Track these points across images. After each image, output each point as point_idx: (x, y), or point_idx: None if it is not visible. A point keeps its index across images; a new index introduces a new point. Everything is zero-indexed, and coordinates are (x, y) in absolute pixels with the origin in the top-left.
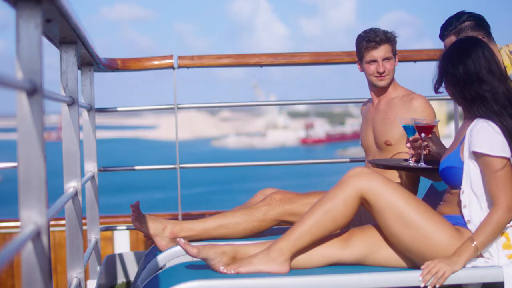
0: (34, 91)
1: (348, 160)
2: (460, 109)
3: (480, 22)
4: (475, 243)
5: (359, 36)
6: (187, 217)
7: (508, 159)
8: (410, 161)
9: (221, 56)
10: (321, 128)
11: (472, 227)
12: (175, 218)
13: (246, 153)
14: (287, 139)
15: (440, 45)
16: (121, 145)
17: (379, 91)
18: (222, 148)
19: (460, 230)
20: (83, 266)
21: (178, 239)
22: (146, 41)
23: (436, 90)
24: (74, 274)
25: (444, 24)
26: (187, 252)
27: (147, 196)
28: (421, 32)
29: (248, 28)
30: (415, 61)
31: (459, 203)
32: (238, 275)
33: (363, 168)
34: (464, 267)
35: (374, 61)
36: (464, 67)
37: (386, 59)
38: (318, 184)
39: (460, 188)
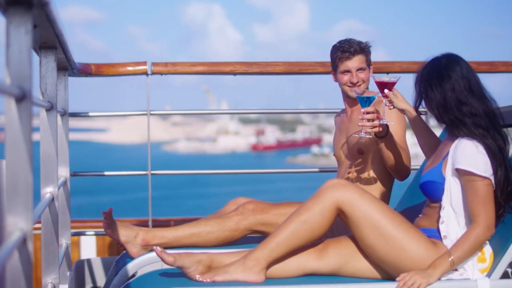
0: (23, 97)
1: (317, 170)
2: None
3: None
4: (452, 257)
5: (334, 47)
6: (157, 222)
7: (490, 179)
8: (362, 133)
9: (195, 64)
10: (272, 135)
11: (449, 242)
12: (145, 223)
13: (197, 158)
14: (238, 145)
15: (393, 57)
16: (74, 148)
17: (352, 101)
18: (172, 152)
19: (436, 243)
20: (57, 272)
21: (154, 247)
22: (98, 44)
23: (416, 109)
24: (49, 280)
25: None
26: (163, 260)
27: (99, 198)
28: (373, 41)
29: (202, 33)
30: (387, 72)
31: (438, 217)
32: (214, 284)
33: (340, 179)
34: (439, 279)
35: (348, 71)
36: (443, 91)
37: (360, 69)
38: (267, 190)
39: (439, 203)
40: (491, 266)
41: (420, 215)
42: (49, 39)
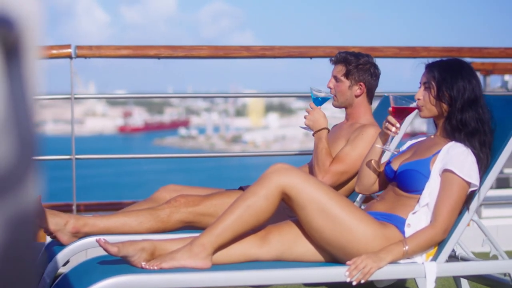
0: None
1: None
2: None
3: None
4: (407, 247)
5: None
6: (82, 207)
7: (469, 186)
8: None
9: (120, 47)
10: (139, 117)
11: (410, 231)
12: (69, 208)
13: (64, 140)
14: (105, 127)
15: (262, 39)
16: None
17: (347, 112)
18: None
19: (385, 224)
20: None
21: (97, 238)
22: None
23: (437, 97)
24: None
25: None
26: (107, 252)
27: None
28: (242, 23)
29: (68, 14)
30: (311, 57)
31: (402, 205)
32: (161, 270)
33: (284, 164)
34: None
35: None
36: (467, 92)
37: (335, 78)
38: (133, 172)
39: (413, 193)
40: (436, 250)
41: (378, 199)
42: None
